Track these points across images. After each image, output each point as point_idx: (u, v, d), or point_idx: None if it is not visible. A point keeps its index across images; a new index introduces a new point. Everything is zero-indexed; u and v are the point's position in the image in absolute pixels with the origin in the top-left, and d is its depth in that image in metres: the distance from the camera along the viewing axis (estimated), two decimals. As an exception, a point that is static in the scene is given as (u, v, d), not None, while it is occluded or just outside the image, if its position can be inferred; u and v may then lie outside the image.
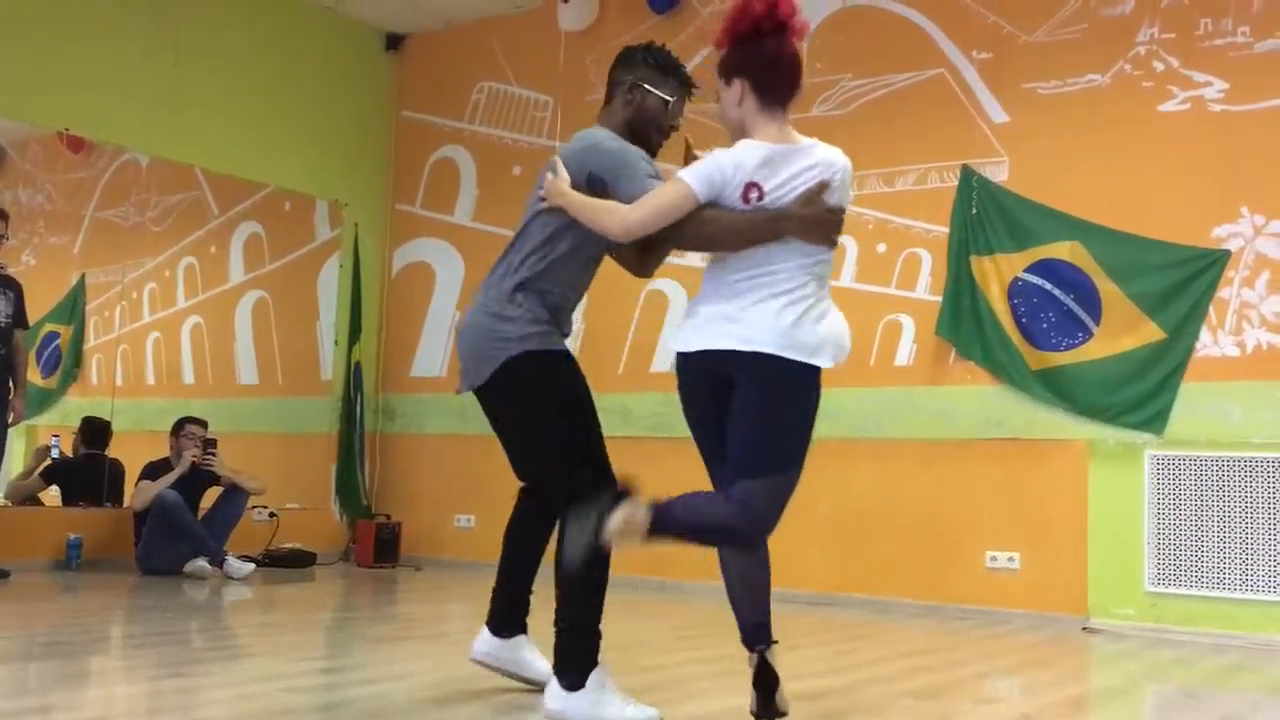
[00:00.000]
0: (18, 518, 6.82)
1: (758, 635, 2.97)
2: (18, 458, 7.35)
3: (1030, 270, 6.06)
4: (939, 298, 6.29)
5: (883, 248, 6.53)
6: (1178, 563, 5.61)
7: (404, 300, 8.40)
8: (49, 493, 7.25)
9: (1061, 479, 5.93)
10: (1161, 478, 5.68)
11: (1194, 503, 5.60)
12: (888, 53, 6.63)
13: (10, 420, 6.32)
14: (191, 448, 6.81)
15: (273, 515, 7.45)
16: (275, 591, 6.33)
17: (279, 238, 8.38)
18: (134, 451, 7.19)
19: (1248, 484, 5.49)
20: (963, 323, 6.20)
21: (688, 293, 6.73)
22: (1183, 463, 5.64)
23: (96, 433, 7.32)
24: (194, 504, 6.76)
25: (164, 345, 8.18)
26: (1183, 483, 5.63)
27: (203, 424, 6.96)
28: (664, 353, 7.02)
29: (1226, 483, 5.54)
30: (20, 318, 6.41)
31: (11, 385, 6.32)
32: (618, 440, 3.52)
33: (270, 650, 4.47)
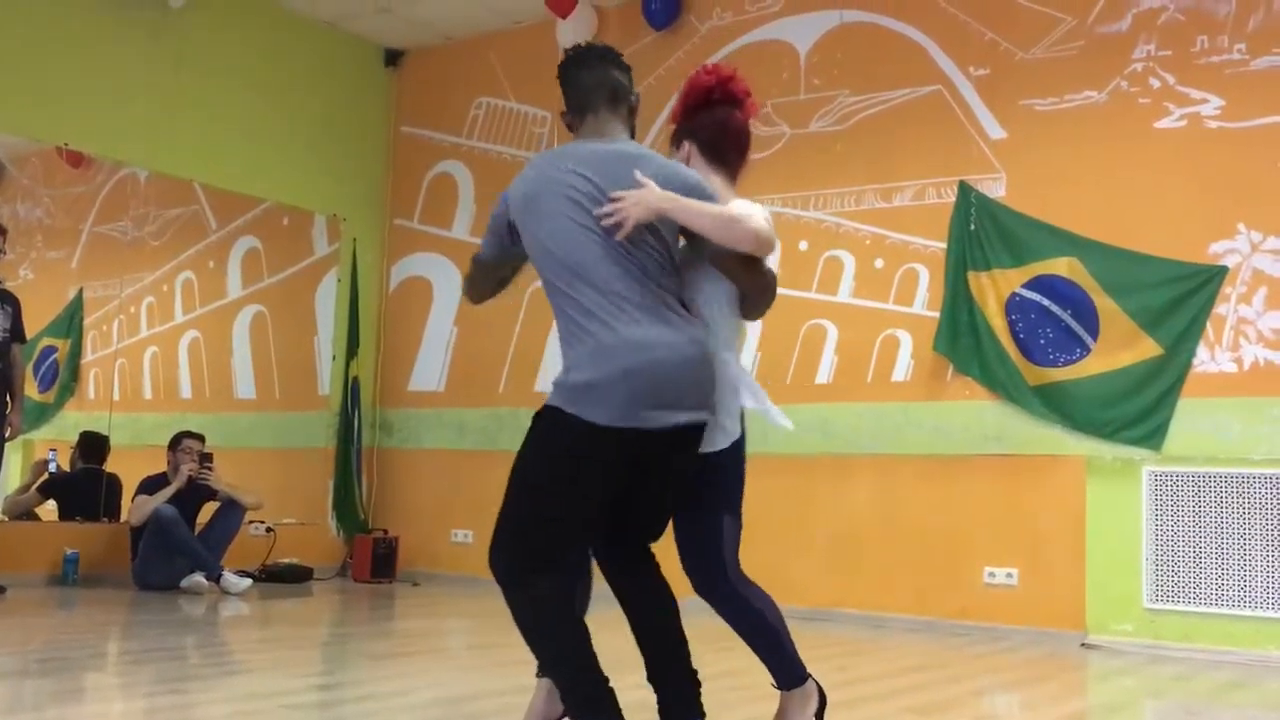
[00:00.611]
0: (14, 532, 6.80)
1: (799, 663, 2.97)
2: (15, 472, 7.35)
3: (1028, 286, 6.07)
4: (937, 313, 6.30)
5: (880, 263, 6.54)
6: (1176, 579, 5.61)
7: (402, 315, 8.40)
8: (46, 507, 7.24)
9: (1059, 495, 5.93)
10: (1159, 494, 5.68)
11: (1192, 519, 5.60)
12: (885, 69, 6.65)
13: (7, 435, 6.31)
14: (189, 462, 6.81)
15: (270, 530, 7.44)
16: (272, 607, 6.32)
17: (277, 252, 8.38)
18: (131, 466, 7.18)
19: (1246, 500, 5.49)
20: (960, 338, 6.21)
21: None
22: (1180, 479, 5.64)
23: (94, 447, 7.31)
24: (191, 519, 6.75)
25: (162, 360, 8.18)
26: (1181, 499, 5.63)
27: (200, 439, 6.95)
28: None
29: (1224, 499, 5.54)
30: (18, 332, 6.41)
31: (9, 399, 6.31)
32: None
33: (267, 666, 4.46)
